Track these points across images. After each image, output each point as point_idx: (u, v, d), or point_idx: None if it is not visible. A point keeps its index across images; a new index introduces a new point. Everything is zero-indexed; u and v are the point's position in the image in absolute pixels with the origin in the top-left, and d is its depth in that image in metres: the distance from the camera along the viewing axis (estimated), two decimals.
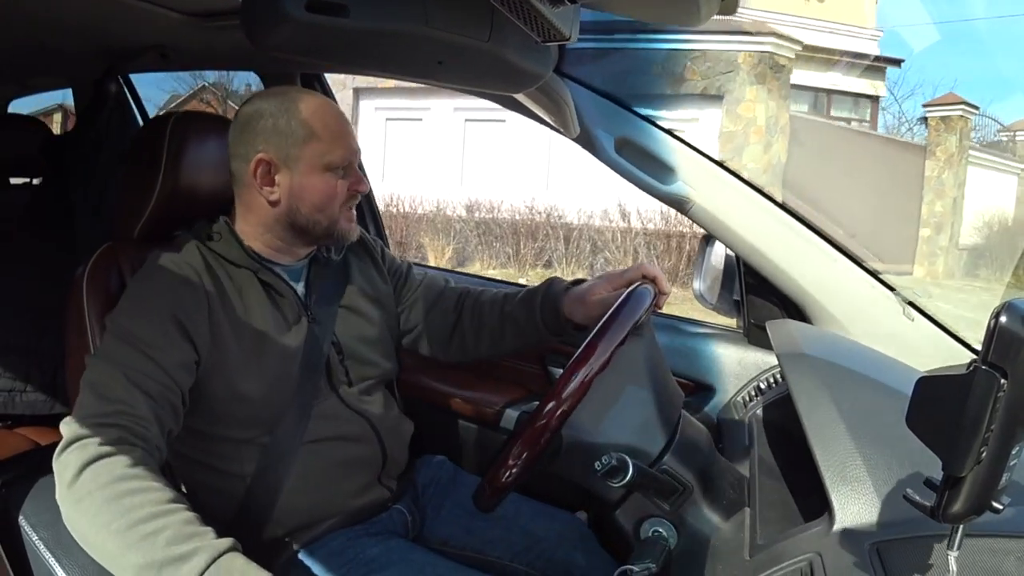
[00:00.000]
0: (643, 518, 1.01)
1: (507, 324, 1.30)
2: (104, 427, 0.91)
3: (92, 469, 0.87)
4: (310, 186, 1.10)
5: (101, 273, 1.16)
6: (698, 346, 1.42)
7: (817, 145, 9.57)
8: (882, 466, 0.79)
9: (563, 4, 0.65)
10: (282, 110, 1.10)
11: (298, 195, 1.11)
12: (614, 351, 0.96)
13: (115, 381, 0.96)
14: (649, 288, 1.07)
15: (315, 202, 1.11)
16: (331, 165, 1.10)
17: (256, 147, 1.10)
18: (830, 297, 1.20)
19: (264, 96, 1.14)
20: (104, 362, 0.98)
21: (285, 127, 1.09)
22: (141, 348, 0.99)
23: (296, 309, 1.16)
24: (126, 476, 0.87)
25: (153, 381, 0.97)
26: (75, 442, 0.90)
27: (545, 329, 1.26)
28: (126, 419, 0.93)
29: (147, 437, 0.94)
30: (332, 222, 1.13)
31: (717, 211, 1.23)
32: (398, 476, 1.25)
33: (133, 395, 0.95)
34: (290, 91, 1.14)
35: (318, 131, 1.09)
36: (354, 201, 1.15)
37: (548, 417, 0.93)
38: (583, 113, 1.22)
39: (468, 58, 0.80)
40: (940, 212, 10.00)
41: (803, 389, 0.94)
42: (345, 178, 1.12)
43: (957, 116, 10.13)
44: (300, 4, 0.62)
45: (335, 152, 1.10)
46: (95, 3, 1.38)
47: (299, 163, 1.09)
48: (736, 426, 1.20)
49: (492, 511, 1.03)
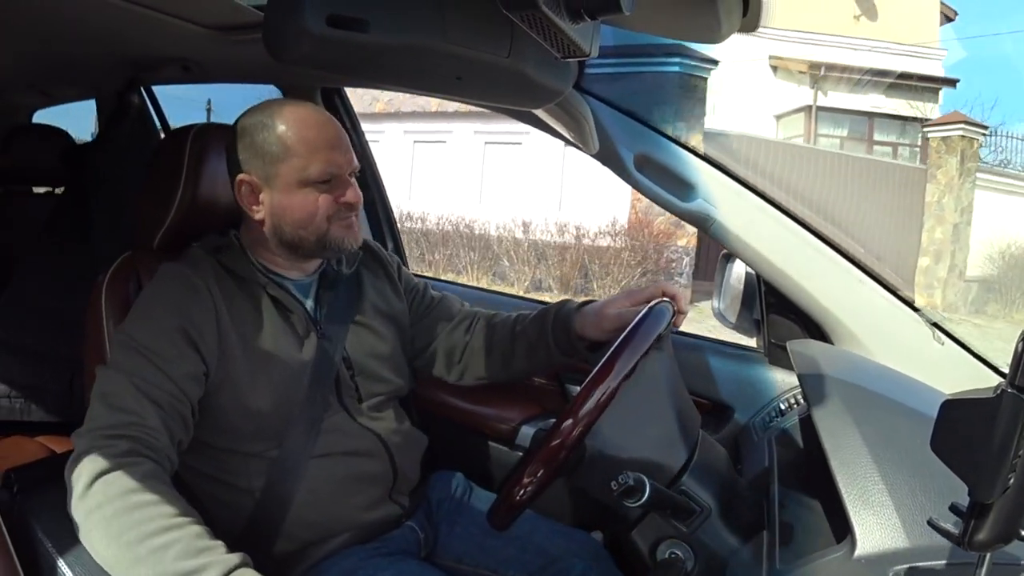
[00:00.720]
0: (660, 539, 1.00)
1: (518, 343, 1.29)
2: (115, 439, 0.92)
3: (103, 481, 0.88)
4: (289, 204, 1.08)
5: (120, 282, 1.17)
6: (717, 366, 1.41)
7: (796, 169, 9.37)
8: (905, 491, 0.77)
9: (583, 20, 0.64)
10: (260, 127, 1.08)
11: (279, 214, 1.09)
12: (632, 369, 0.95)
13: (125, 391, 0.96)
14: (668, 306, 1.06)
15: (296, 219, 1.09)
16: (308, 180, 1.07)
17: (239, 166, 1.10)
18: (852, 317, 1.19)
19: (249, 113, 1.12)
20: (114, 372, 0.99)
21: (262, 145, 1.07)
22: (150, 358, 0.99)
23: (305, 324, 1.15)
24: (137, 488, 0.88)
25: (162, 391, 0.98)
26: (86, 454, 0.90)
27: (556, 348, 1.25)
28: (136, 430, 0.93)
29: (157, 448, 0.94)
30: (320, 236, 1.10)
31: (738, 229, 1.21)
32: (410, 492, 1.24)
33: (143, 405, 0.95)
34: (272, 105, 1.11)
35: (293, 146, 1.06)
36: (346, 212, 1.11)
37: (564, 435, 0.92)
38: (603, 129, 1.21)
39: (487, 73, 0.80)
40: (940, 239, 9.13)
41: (824, 411, 0.93)
42: (330, 191, 1.09)
43: (958, 137, 9.32)
44: (321, 19, 0.62)
45: (312, 167, 1.07)
46: (119, 15, 1.39)
47: (277, 181, 1.08)
48: (755, 447, 1.18)
49: (506, 529, 1.02)
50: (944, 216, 9.17)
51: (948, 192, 9.22)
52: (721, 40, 0.90)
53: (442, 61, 0.74)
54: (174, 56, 1.68)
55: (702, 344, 1.47)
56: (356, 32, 0.64)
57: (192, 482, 1.11)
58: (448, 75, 0.79)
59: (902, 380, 1.08)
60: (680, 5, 0.84)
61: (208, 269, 1.11)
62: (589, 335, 1.20)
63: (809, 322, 1.25)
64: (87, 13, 1.42)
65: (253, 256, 1.15)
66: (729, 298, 1.41)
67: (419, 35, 0.69)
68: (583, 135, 1.18)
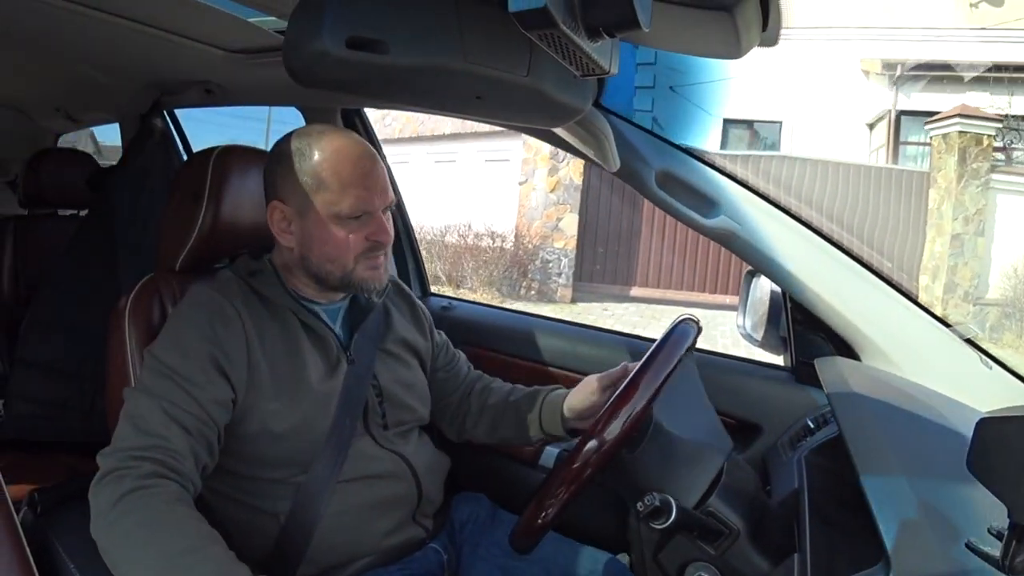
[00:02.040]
0: (687, 562, 0.99)
1: (508, 410, 1.29)
2: (140, 460, 0.92)
3: (127, 501, 0.88)
4: (319, 237, 1.07)
5: (143, 304, 1.18)
6: (744, 384, 1.39)
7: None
8: (941, 512, 0.75)
9: (601, 38, 0.64)
10: (297, 154, 1.07)
11: (308, 244, 1.09)
12: (657, 390, 0.93)
13: (153, 414, 0.96)
14: (692, 325, 1.04)
15: (324, 253, 1.08)
16: (341, 215, 1.06)
17: (274, 193, 1.10)
18: (882, 334, 1.16)
19: (288, 139, 1.10)
20: (143, 395, 0.99)
21: (297, 174, 1.06)
22: (179, 383, 0.99)
23: (336, 351, 1.15)
24: (161, 510, 0.88)
25: (190, 416, 0.98)
26: (111, 474, 0.91)
27: (539, 424, 1.25)
28: (161, 453, 0.93)
29: (182, 471, 0.94)
30: (345, 273, 1.09)
31: (762, 245, 1.20)
32: (434, 514, 1.23)
33: (170, 429, 0.96)
34: (311, 133, 1.09)
35: (327, 180, 1.05)
36: (375, 251, 1.10)
37: (588, 456, 0.91)
38: (623, 147, 1.20)
39: (506, 93, 0.80)
40: (939, 253, 8.22)
41: (855, 429, 0.91)
42: (361, 228, 1.07)
43: (956, 133, 8.19)
44: (340, 41, 0.62)
45: (344, 202, 1.05)
46: (143, 40, 1.42)
47: (309, 212, 1.06)
48: (784, 467, 1.16)
49: (529, 552, 1.01)
50: (943, 226, 8.27)
51: (947, 198, 8.26)
52: (741, 56, 0.89)
53: (461, 81, 0.74)
54: (196, 80, 1.70)
55: (728, 362, 1.46)
56: (376, 54, 0.64)
57: (217, 505, 1.10)
58: (467, 95, 0.79)
59: (935, 398, 1.05)
60: (698, 21, 0.84)
61: (239, 293, 1.10)
62: (575, 407, 1.20)
63: (837, 339, 1.22)
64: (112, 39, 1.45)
65: (285, 281, 1.14)
66: (755, 315, 1.39)
67: (438, 56, 0.69)
68: (603, 153, 1.18)
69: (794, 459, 1.13)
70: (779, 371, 1.40)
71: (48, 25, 1.41)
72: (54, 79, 2.08)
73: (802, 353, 1.30)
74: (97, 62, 1.74)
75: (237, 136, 12.94)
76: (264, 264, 1.15)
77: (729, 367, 1.43)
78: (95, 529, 0.89)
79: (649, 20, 0.62)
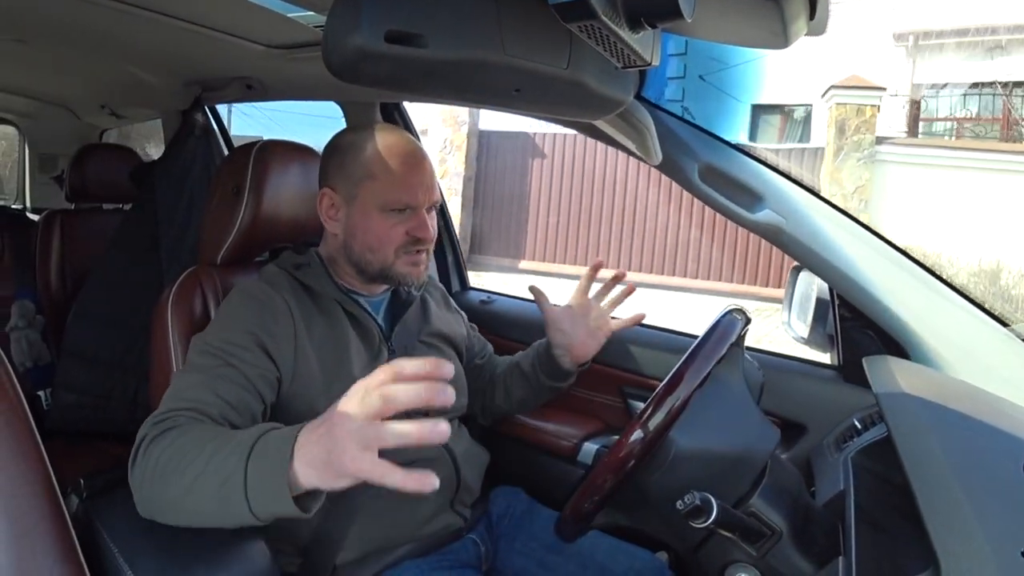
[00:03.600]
0: (728, 563, 0.97)
1: (514, 371, 1.35)
2: (174, 413, 0.94)
3: (155, 440, 0.90)
4: (363, 225, 1.12)
5: (185, 297, 1.20)
6: (789, 382, 1.36)
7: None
8: (996, 518, 0.72)
9: (643, 28, 0.62)
10: (350, 146, 1.12)
11: (352, 232, 1.13)
12: (704, 379, 0.92)
13: (195, 385, 0.98)
14: (738, 317, 1.02)
15: (367, 242, 1.12)
16: (386, 206, 1.10)
17: (325, 180, 1.15)
18: (933, 332, 1.12)
19: (344, 131, 1.17)
20: (187, 372, 1.02)
21: (351, 164, 1.12)
22: (225, 358, 1.01)
23: (378, 341, 1.17)
24: (186, 432, 0.90)
25: (234, 386, 0.99)
26: (141, 441, 0.92)
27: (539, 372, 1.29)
28: (190, 414, 0.94)
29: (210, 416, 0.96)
30: (384, 265, 1.13)
31: (808, 240, 1.17)
32: (472, 504, 1.24)
33: (208, 395, 0.97)
34: (368, 128, 1.15)
35: (377, 171, 1.10)
36: (416, 246, 1.13)
37: (633, 446, 0.90)
38: (666, 140, 1.18)
39: (546, 86, 0.79)
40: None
41: (905, 431, 0.88)
42: (404, 222, 1.11)
43: (835, 104, 7.83)
44: (379, 36, 0.62)
45: (391, 193, 1.10)
46: (185, 38, 1.44)
47: (356, 201, 1.12)
48: (830, 468, 1.13)
49: (574, 540, 1.01)
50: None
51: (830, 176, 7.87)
52: (787, 46, 0.87)
53: (500, 74, 0.73)
54: (237, 75, 1.72)
55: (772, 360, 1.42)
56: (414, 48, 0.64)
57: None
58: (507, 88, 0.78)
59: (989, 399, 1.01)
60: (743, 10, 0.81)
61: (287, 286, 1.13)
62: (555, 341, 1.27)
63: (886, 337, 1.19)
64: (156, 36, 1.47)
65: (332, 273, 1.17)
66: (800, 312, 1.36)
67: (477, 49, 0.68)
68: (645, 146, 1.16)
69: (840, 460, 1.09)
70: (826, 369, 1.36)
71: (93, 24, 1.43)
72: (100, 77, 2.12)
73: (849, 351, 1.27)
74: (141, 60, 1.77)
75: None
76: (311, 257, 1.18)
77: (774, 364, 1.40)
78: (134, 483, 0.90)
79: (692, 9, 0.60)
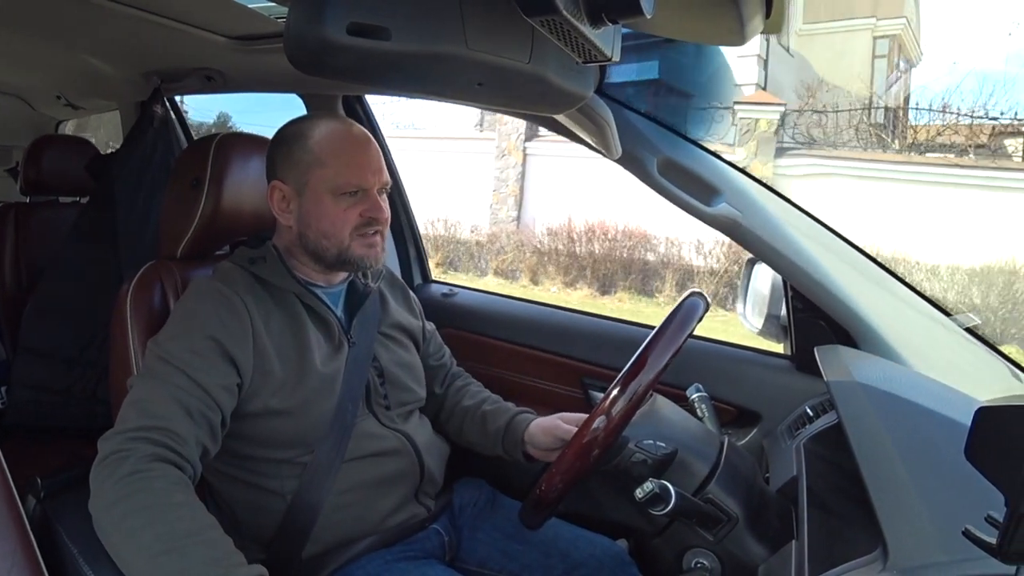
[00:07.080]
0: (686, 548, 0.99)
1: (476, 418, 1.31)
2: (140, 441, 0.93)
3: (126, 484, 0.89)
4: (316, 212, 1.11)
5: (144, 291, 1.18)
6: (743, 371, 1.39)
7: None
8: (939, 500, 0.75)
9: (604, 24, 0.63)
10: (296, 137, 1.12)
11: (306, 221, 1.12)
12: (666, 365, 0.94)
13: (155, 399, 0.97)
14: (700, 301, 1.03)
15: (321, 228, 1.12)
16: (337, 190, 1.10)
17: (274, 173, 1.14)
18: (881, 322, 1.16)
19: (288, 123, 1.16)
20: (146, 381, 1.00)
21: (297, 154, 1.11)
22: (183, 368, 1.00)
23: (337, 334, 1.16)
24: (159, 495, 0.88)
25: (195, 399, 0.98)
26: (111, 456, 0.91)
27: (500, 442, 1.27)
28: (162, 435, 0.94)
29: (182, 455, 0.95)
30: (341, 249, 1.12)
31: (763, 233, 1.20)
32: (436, 495, 1.25)
33: (172, 412, 0.96)
34: (311, 118, 1.15)
35: (324, 157, 1.10)
36: (370, 227, 1.13)
37: (596, 432, 0.92)
38: (625, 134, 1.20)
39: (508, 80, 0.79)
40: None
41: (855, 418, 0.91)
42: (356, 205, 1.11)
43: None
44: (342, 28, 0.61)
45: (341, 177, 1.10)
46: (142, 27, 1.41)
47: (307, 189, 1.11)
48: (783, 455, 1.16)
49: (538, 528, 1.02)
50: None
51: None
52: (744, 42, 0.89)
53: (463, 68, 0.73)
54: (197, 66, 1.69)
55: (727, 350, 1.45)
56: (377, 40, 0.64)
57: (224, 486, 1.12)
58: (469, 82, 0.78)
59: (934, 387, 1.05)
60: (701, 7, 0.83)
61: (242, 282, 1.12)
62: (532, 443, 1.22)
63: (837, 327, 1.22)
64: (112, 26, 1.44)
65: (288, 264, 1.16)
66: (754, 303, 1.39)
67: (440, 42, 0.69)
68: (605, 140, 1.17)
69: (793, 446, 1.13)
70: (779, 359, 1.40)
71: (49, 11, 1.40)
72: (54, 66, 2.06)
73: (802, 341, 1.30)
74: (98, 49, 1.73)
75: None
76: (267, 250, 1.16)
77: (728, 354, 1.43)
78: (94, 510, 0.90)
79: (652, 6, 0.62)
